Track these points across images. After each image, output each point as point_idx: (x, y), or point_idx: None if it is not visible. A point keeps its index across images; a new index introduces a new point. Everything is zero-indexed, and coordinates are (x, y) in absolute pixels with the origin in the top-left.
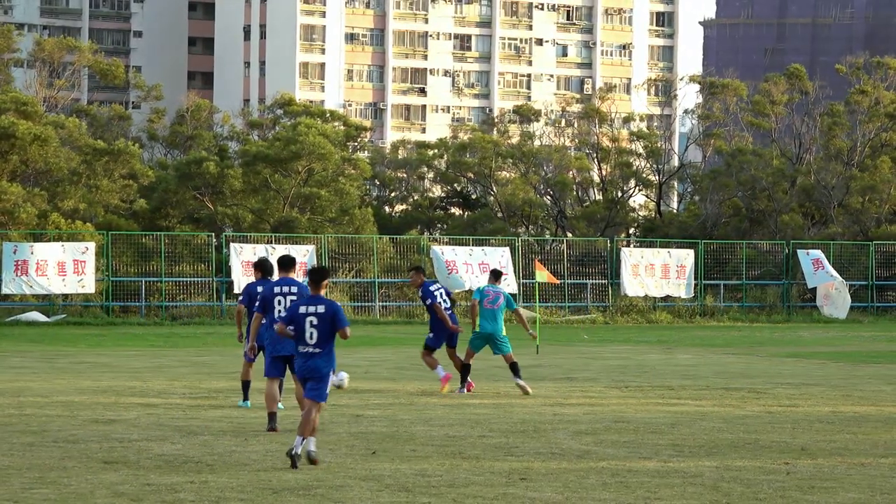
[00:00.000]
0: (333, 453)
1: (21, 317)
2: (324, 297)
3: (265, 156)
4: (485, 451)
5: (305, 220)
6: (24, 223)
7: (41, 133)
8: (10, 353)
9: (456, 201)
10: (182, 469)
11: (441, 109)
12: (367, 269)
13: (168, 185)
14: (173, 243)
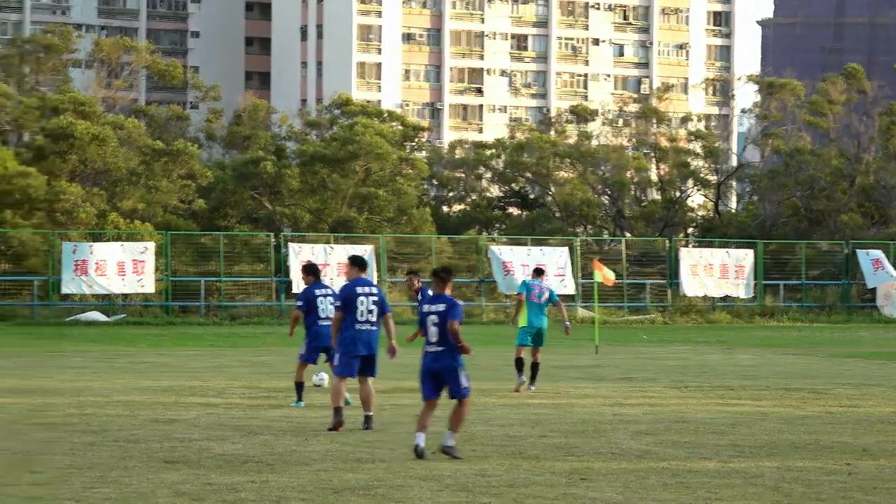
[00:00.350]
0: (393, 453)
1: (81, 317)
2: (446, 296)
3: (322, 156)
4: (545, 451)
5: (363, 220)
6: (84, 223)
7: (99, 133)
8: (70, 353)
9: (514, 201)
10: (242, 469)
11: (498, 109)
12: (426, 269)
13: (226, 185)
14: (232, 243)
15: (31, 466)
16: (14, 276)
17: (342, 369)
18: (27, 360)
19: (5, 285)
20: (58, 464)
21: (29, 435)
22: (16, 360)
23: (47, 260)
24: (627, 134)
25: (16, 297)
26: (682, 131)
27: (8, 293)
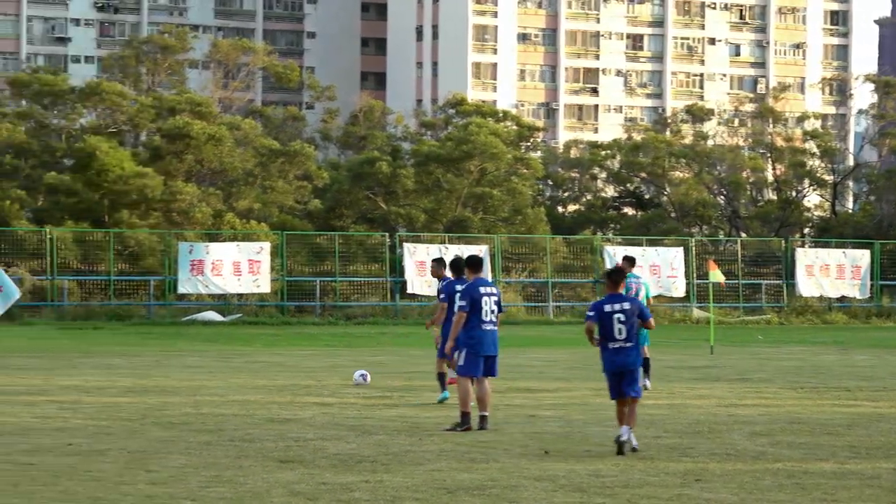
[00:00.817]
0: (507, 453)
1: (197, 316)
2: (624, 295)
3: (437, 155)
4: (659, 452)
5: (478, 220)
6: (200, 223)
7: (215, 133)
8: (186, 352)
9: (629, 201)
10: (357, 468)
11: (613, 109)
12: (541, 268)
13: (342, 185)
14: (347, 243)
15: (147, 465)
16: (131, 276)
17: (468, 369)
18: (144, 359)
19: (122, 285)
20: (174, 463)
21: (145, 434)
22: (132, 360)
23: (164, 260)
24: (743, 134)
25: (132, 296)
26: (798, 131)
27: (125, 293)
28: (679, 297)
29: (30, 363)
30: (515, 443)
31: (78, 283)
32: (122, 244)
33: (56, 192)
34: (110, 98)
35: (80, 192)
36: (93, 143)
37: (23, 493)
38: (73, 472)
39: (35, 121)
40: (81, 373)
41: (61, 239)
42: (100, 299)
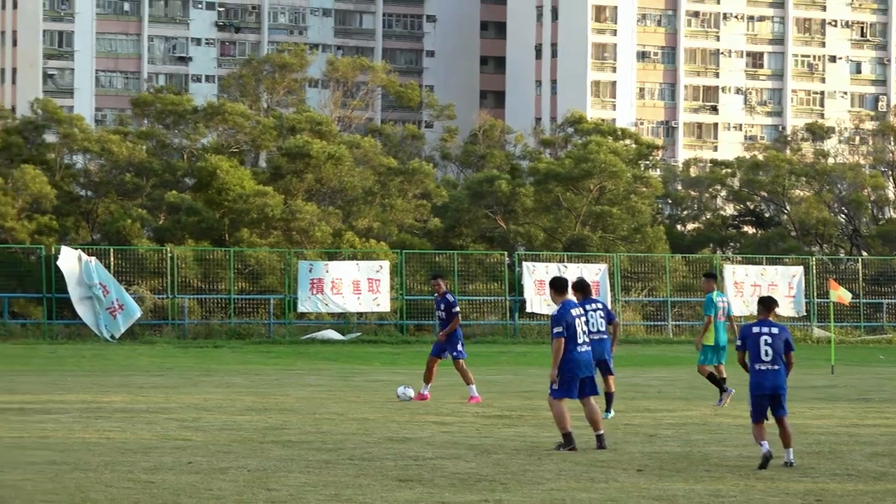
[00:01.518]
0: (626, 473)
1: (317, 335)
2: (774, 321)
3: (556, 174)
4: (779, 472)
5: (597, 239)
6: (319, 242)
7: (335, 152)
8: (306, 371)
9: (748, 220)
10: (476, 487)
11: (733, 127)
12: (660, 287)
13: (461, 203)
14: (466, 262)
15: (267, 484)
16: (251, 294)
17: (562, 392)
18: (264, 378)
19: (242, 304)
20: (293, 481)
21: (265, 453)
22: (252, 378)
23: (283, 278)
24: (864, 151)
25: (252, 315)
26: None
27: (245, 311)
28: (799, 316)
29: (151, 381)
30: (635, 462)
31: (198, 301)
32: (242, 263)
33: (177, 211)
34: (233, 118)
35: (201, 210)
36: (214, 161)
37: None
38: (193, 491)
39: (157, 140)
40: (202, 391)
41: (182, 257)
42: (220, 318)
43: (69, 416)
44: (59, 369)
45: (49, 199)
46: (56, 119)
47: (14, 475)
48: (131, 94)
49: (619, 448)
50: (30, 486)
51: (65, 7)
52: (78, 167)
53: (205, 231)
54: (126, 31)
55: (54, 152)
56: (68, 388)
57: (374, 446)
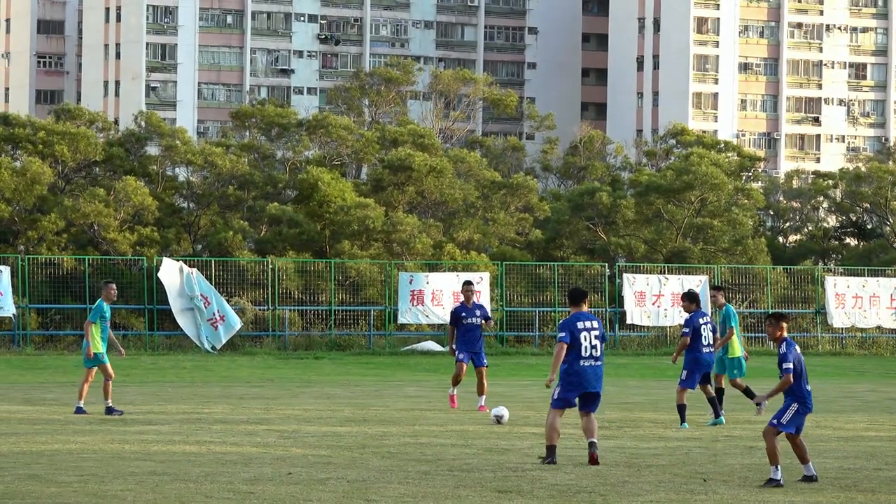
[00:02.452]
0: (727, 485)
1: (417, 346)
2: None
3: (658, 186)
4: (880, 485)
5: (698, 251)
6: (420, 253)
7: (437, 165)
8: (406, 382)
9: (851, 231)
10: (575, 499)
11: (836, 139)
12: (761, 299)
13: (561, 215)
14: (567, 273)
15: (366, 495)
16: (351, 306)
17: (559, 402)
18: (364, 389)
19: (343, 315)
20: (393, 492)
21: (365, 464)
22: (353, 390)
23: (384, 290)
24: None
25: (353, 326)
26: None
27: (345, 323)
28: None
29: (251, 392)
30: (735, 474)
31: (299, 312)
32: (342, 274)
33: (278, 223)
34: (336, 132)
35: (302, 222)
36: (315, 174)
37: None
38: (293, 501)
39: (259, 153)
40: (302, 402)
41: (283, 269)
42: (320, 329)
43: (170, 427)
44: (160, 380)
45: (151, 211)
46: (158, 131)
47: (115, 486)
48: (233, 106)
49: (719, 460)
50: (131, 496)
51: (168, 20)
52: (180, 179)
53: (306, 243)
54: (228, 43)
55: (156, 164)
56: (169, 398)
57: (473, 457)
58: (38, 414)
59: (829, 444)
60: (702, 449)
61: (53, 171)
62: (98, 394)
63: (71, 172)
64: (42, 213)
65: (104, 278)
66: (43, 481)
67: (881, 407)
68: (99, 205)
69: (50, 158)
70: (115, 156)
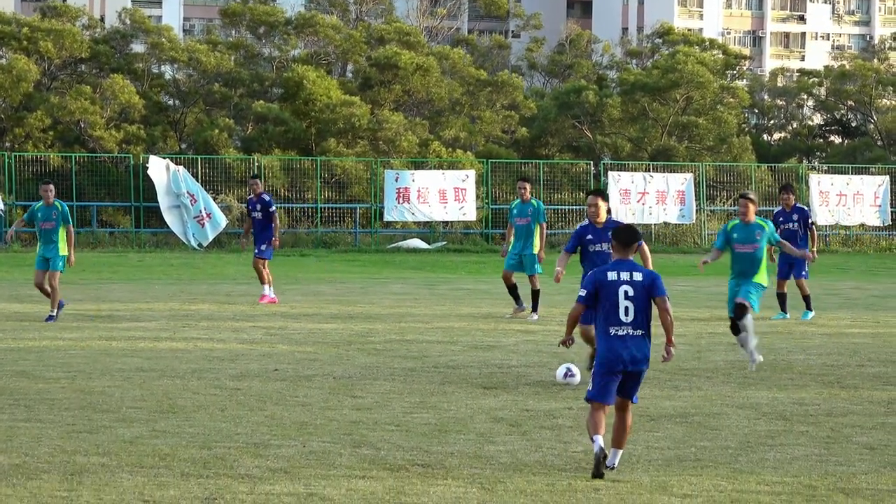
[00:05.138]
0: (710, 381)
1: (402, 244)
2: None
3: (643, 84)
4: (863, 381)
5: (683, 149)
6: (406, 151)
7: (423, 63)
8: (392, 279)
9: (835, 129)
10: (560, 395)
11: (821, 37)
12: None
13: (547, 113)
14: (552, 171)
15: (352, 391)
16: (337, 203)
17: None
18: (349, 286)
19: (328, 213)
20: (378, 389)
21: (350, 361)
22: (339, 287)
23: (370, 188)
24: None
25: (339, 224)
26: None
27: (331, 221)
28: (884, 225)
29: (237, 290)
30: (718, 371)
31: (285, 210)
32: (328, 172)
33: (264, 121)
34: (323, 30)
35: (288, 120)
36: (301, 72)
37: (230, 417)
38: (279, 398)
39: (245, 51)
40: (288, 299)
41: (269, 167)
42: (306, 227)
43: (157, 324)
44: (147, 278)
45: (137, 109)
46: (144, 29)
47: (103, 382)
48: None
49: (703, 356)
50: (118, 393)
51: None
52: (166, 77)
53: (292, 141)
54: None
55: (142, 62)
56: (156, 296)
57: (458, 354)
58: (26, 310)
59: (812, 341)
60: (687, 346)
61: (39, 68)
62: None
63: (56, 70)
64: (28, 110)
65: (91, 175)
66: (31, 378)
67: (864, 304)
68: (85, 102)
69: (35, 55)
70: (101, 53)
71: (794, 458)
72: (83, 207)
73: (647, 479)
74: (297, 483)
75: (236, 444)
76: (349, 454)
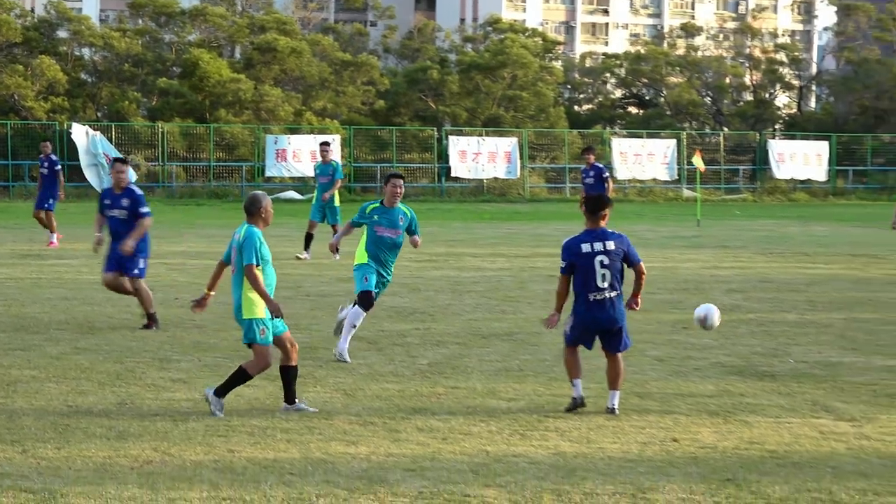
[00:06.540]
0: (531, 306)
1: (281, 195)
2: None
3: (478, 64)
4: (655, 305)
5: (510, 117)
6: (283, 119)
7: (297, 47)
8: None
9: (633, 101)
10: (409, 318)
11: (621, 26)
12: (560, 157)
13: (399, 88)
14: (403, 136)
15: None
16: (227, 162)
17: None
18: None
19: (220, 170)
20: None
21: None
22: (228, 231)
23: (254, 149)
24: (727, 46)
25: (228, 179)
26: (771, 44)
27: (222, 176)
28: (672, 179)
29: None
30: (538, 298)
31: (184, 168)
32: (219, 137)
33: (166, 95)
34: (213, 19)
35: (186, 94)
36: (197, 54)
37: (138, 337)
38: (179, 321)
39: (150, 36)
40: (186, 241)
41: (170, 132)
42: (202, 181)
43: (78, 261)
44: (71, 224)
45: (62, 84)
46: (67, 18)
47: (34, 308)
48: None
49: (525, 287)
50: (47, 318)
51: None
52: (85, 58)
53: (189, 111)
54: None
55: (66, 46)
56: (78, 237)
57: (326, 285)
58: None
59: None
60: (511, 277)
61: None
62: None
63: None
64: None
65: (24, 139)
66: None
67: (657, 244)
68: (18, 79)
69: None
70: (32, 38)
71: (598, 368)
72: (17, 165)
73: (480, 385)
74: (194, 391)
75: (144, 360)
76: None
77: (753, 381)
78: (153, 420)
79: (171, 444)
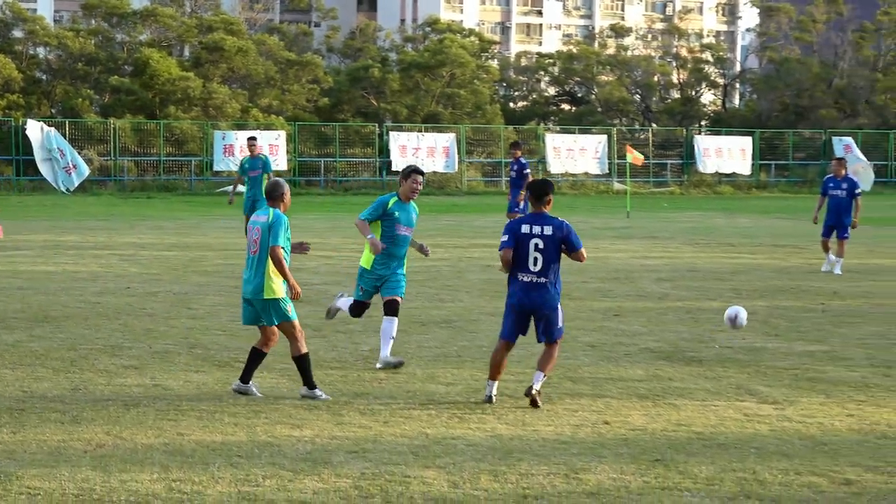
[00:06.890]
0: (469, 295)
1: (227, 188)
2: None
3: (417, 63)
4: (586, 294)
5: (448, 114)
6: (230, 116)
7: (244, 46)
8: (219, 216)
9: (565, 99)
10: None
11: (554, 27)
12: (496, 151)
13: (342, 86)
14: (346, 132)
15: (188, 304)
16: (177, 157)
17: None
18: (186, 222)
19: (170, 164)
20: (209, 302)
21: (188, 280)
22: (177, 223)
23: (202, 145)
24: (655, 46)
25: (177, 173)
26: (697, 44)
27: (172, 170)
28: (603, 173)
29: (97, 225)
30: (474, 287)
31: (135, 162)
32: (169, 133)
33: (118, 92)
34: (163, 20)
35: (137, 91)
36: (147, 53)
37: (91, 325)
38: (131, 310)
39: (102, 36)
40: (138, 232)
41: (122, 128)
42: (152, 175)
43: (34, 252)
44: (26, 216)
45: (17, 82)
46: (22, 18)
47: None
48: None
49: (463, 276)
50: (2, 305)
51: None
52: (40, 57)
53: (140, 108)
54: None
55: (21, 45)
56: (33, 229)
57: None
58: None
59: None
60: (450, 267)
61: None
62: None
63: None
64: None
65: None
66: None
67: (588, 234)
68: None
69: None
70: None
71: (532, 354)
72: None
73: (420, 371)
74: (145, 377)
75: (96, 347)
76: (186, 354)
77: (681, 365)
78: (105, 405)
79: (122, 428)
